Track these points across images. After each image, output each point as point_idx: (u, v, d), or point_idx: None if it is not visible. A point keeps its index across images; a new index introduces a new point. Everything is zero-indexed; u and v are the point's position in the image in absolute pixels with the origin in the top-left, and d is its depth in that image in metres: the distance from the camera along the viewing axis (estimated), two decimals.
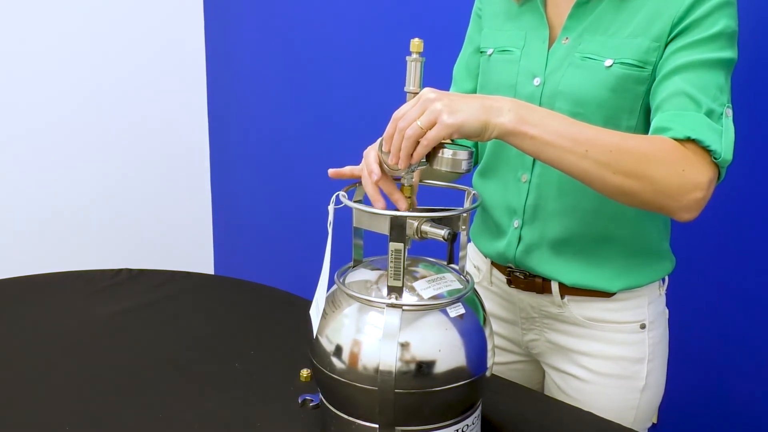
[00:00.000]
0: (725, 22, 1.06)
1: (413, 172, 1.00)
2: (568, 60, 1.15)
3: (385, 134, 0.98)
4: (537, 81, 1.17)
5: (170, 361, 1.30)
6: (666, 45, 1.08)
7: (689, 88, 1.03)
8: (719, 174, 1.03)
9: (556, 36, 1.18)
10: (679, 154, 0.99)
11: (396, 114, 0.96)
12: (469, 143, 1.28)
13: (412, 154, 0.95)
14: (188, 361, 1.28)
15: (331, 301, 1.01)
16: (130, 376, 1.25)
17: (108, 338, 1.39)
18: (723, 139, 1.01)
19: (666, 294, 1.27)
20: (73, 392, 1.20)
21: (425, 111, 0.94)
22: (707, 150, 1.00)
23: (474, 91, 1.33)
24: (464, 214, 1.01)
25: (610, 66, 1.10)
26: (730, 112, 1.05)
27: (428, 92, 0.96)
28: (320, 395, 1.05)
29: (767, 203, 1.49)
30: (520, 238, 1.23)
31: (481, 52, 1.28)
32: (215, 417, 1.13)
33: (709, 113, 1.02)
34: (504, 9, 1.26)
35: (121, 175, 2.67)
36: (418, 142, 0.94)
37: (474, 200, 1.05)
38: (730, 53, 1.06)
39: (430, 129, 0.93)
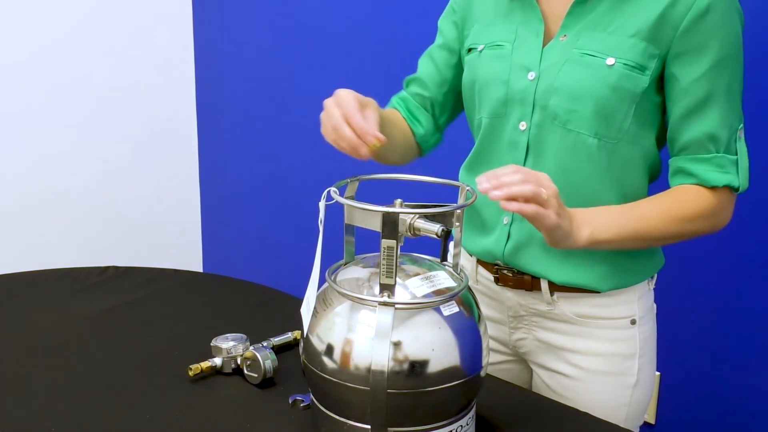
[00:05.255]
0: (732, 29, 1.08)
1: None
2: (566, 56, 1.13)
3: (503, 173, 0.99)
4: (531, 75, 1.16)
5: (158, 360, 1.28)
6: (667, 55, 1.09)
7: (708, 130, 1.11)
8: None
9: (553, 31, 1.17)
10: (711, 207, 1.13)
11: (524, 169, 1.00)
12: (426, 124, 1.35)
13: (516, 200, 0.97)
14: (176, 360, 1.27)
15: (322, 300, 1.00)
16: (117, 375, 1.24)
17: (94, 337, 1.37)
18: (739, 168, 1.13)
19: (654, 290, 1.26)
20: (60, 392, 1.18)
21: (552, 195, 1.00)
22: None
23: (436, 79, 1.33)
24: (458, 211, 0.99)
25: (613, 65, 1.10)
26: (742, 132, 1.14)
27: (555, 193, 1.02)
28: (311, 395, 1.03)
29: (757, 198, 1.49)
30: (509, 236, 1.22)
31: (471, 49, 1.26)
32: (204, 417, 1.12)
33: (727, 148, 1.12)
34: (492, 4, 1.25)
35: (108, 171, 2.65)
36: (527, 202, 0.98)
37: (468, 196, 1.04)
38: (740, 63, 1.11)
39: (545, 207, 0.99)
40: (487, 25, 1.25)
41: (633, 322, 1.21)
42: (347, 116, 1.06)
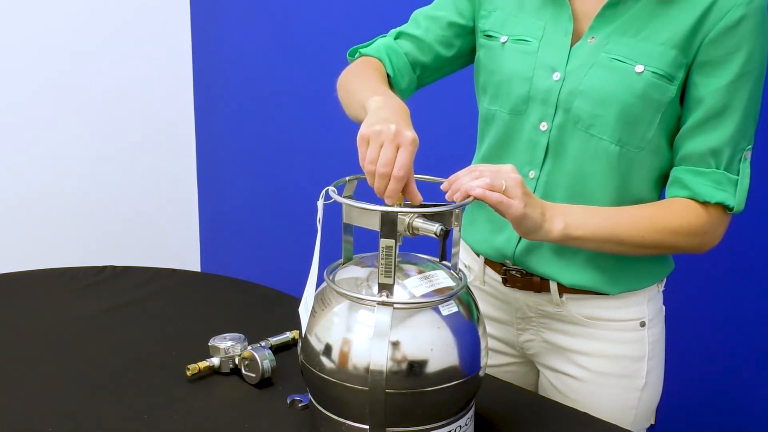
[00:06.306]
0: (759, 46, 1.06)
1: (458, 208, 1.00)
2: (594, 59, 1.11)
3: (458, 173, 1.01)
4: (557, 76, 1.14)
5: (156, 359, 1.28)
6: (692, 63, 1.07)
7: (713, 144, 1.09)
8: None
9: (581, 32, 1.14)
10: (700, 223, 1.10)
11: (480, 165, 1.02)
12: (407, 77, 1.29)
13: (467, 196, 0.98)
14: (174, 360, 1.26)
15: (321, 299, 0.99)
16: (115, 375, 1.23)
17: (92, 337, 1.37)
18: (738, 189, 1.10)
19: (663, 292, 1.26)
20: (57, 393, 1.18)
21: (514, 185, 0.99)
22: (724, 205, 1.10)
23: (442, 42, 1.28)
24: (457, 210, 0.99)
25: (642, 72, 1.08)
26: (749, 153, 1.11)
27: (519, 183, 1.01)
28: (309, 395, 1.03)
29: (762, 200, 1.48)
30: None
31: (490, 36, 1.22)
32: (202, 417, 1.11)
33: (729, 166, 1.09)
34: None
35: (106, 170, 2.65)
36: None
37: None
38: (760, 83, 1.09)
39: (507, 197, 0.99)
40: (510, 15, 1.20)
41: (643, 324, 1.20)
42: (397, 177, 0.94)
